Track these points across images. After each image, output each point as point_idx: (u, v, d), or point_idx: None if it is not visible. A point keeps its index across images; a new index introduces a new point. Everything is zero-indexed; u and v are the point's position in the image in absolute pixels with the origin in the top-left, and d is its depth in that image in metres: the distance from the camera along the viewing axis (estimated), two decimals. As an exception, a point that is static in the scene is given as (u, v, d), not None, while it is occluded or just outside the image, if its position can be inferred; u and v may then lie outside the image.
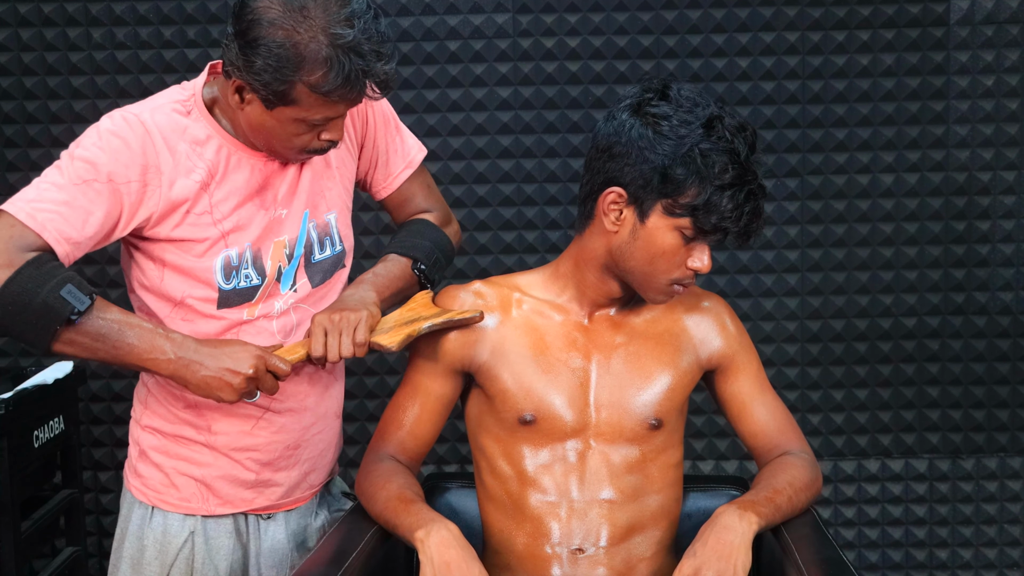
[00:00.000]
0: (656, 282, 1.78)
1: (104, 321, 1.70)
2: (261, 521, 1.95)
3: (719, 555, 1.68)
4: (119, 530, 1.96)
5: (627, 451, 1.84)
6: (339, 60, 1.65)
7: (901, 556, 3.00)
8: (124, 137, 1.74)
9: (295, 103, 1.69)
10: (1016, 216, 2.90)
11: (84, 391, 2.95)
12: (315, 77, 1.66)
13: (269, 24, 1.64)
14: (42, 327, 1.67)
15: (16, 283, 1.65)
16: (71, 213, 1.71)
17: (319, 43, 1.64)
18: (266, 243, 1.83)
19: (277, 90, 1.68)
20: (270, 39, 1.65)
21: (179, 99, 1.81)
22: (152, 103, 1.81)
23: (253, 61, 1.66)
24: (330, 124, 1.76)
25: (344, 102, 1.71)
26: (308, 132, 1.75)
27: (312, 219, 1.88)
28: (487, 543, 1.90)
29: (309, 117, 1.71)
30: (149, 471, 1.91)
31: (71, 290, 1.67)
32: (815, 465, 1.89)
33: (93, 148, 1.73)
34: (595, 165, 1.78)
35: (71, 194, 1.71)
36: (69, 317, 1.67)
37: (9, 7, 2.86)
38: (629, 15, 2.85)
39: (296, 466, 1.95)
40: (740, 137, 1.71)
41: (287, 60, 1.65)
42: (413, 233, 2.00)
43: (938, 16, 2.84)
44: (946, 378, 2.95)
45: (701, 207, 1.70)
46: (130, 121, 1.75)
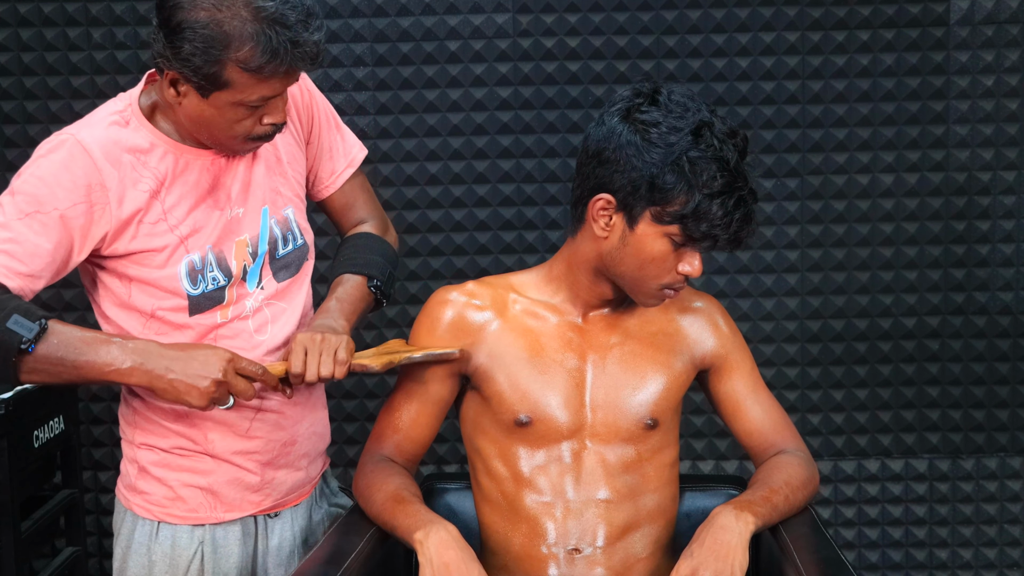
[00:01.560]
0: (646, 287, 1.78)
1: (59, 343, 1.67)
2: (268, 520, 1.95)
3: (716, 555, 1.68)
4: (119, 550, 1.93)
5: (623, 451, 1.84)
6: (264, 33, 1.63)
7: (901, 556, 3.00)
8: (62, 161, 1.72)
9: (229, 85, 1.67)
10: (1016, 216, 2.90)
11: (84, 391, 2.95)
12: (243, 53, 1.64)
13: (190, 7, 1.63)
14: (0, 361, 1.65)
15: None
16: (18, 248, 1.68)
17: (242, 19, 1.63)
18: (227, 244, 1.82)
19: (208, 73, 1.66)
20: (193, 21, 1.63)
21: (116, 110, 1.79)
22: (88, 120, 1.79)
23: (180, 47, 1.64)
24: (270, 106, 1.73)
25: (277, 77, 1.68)
26: (248, 116, 1.72)
27: (272, 215, 1.87)
28: (484, 544, 1.90)
29: (246, 99, 1.69)
30: (152, 486, 1.89)
31: (17, 320, 1.64)
32: (811, 463, 1.89)
33: (32, 179, 1.71)
34: (585, 170, 1.78)
35: (16, 231, 1.69)
36: (19, 347, 1.64)
37: (9, 7, 2.86)
38: (629, 15, 2.85)
39: (296, 461, 1.95)
40: (729, 144, 1.70)
41: (213, 40, 1.63)
42: (362, 249, 1.98)
43: (938, 16, 2.84)
44: (946, 378, 2.95)
45: (690, 215, 1.69)
46: (66, 143, 1.73)
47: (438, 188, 2.91)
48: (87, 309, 2.95)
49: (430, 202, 2.92)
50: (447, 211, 2.92)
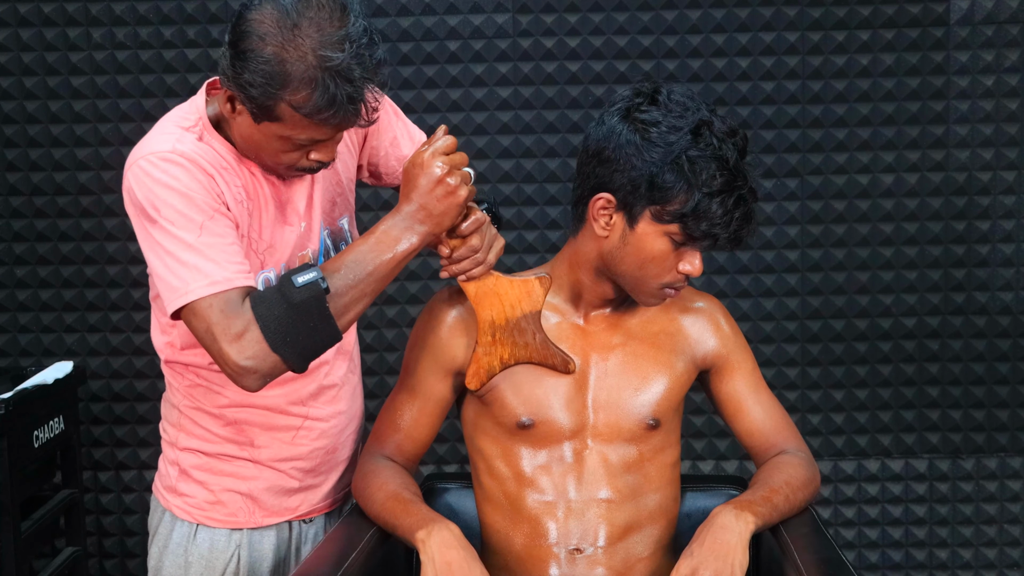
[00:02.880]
0: (647, 286, 1.78)
1: (339, 267, 1.67)
2: (303, 525, 1.96)
3: (716, 555, 1.68)
4: (155, 549, 1.94)
5: (625, 451, 1.84)
6: (325, 83, 1.59)
7: (901, 556, 3.00)
8: (184, 172, 1.67)
9: (280, 120, 1.64)
10: (1016, 216, 2.90)
11: (84, 391, 2.95)
12: (299, 97, 1.60)
13: (260, 38, 1.60)
14: (319, 318, 1.65)
15: (269, 321, 1.63)
16: (222, 255, 1.66)
17: (307, 63, 1.59)
18: (293, 260, 1.81)
19: (263, 104, 1.63)
20: (259, 53, 1.59)
21: (187, 126, 1.75)
22: (166, 137, 1.72)
23: (241, 72, 1.61)
24: (319, 145, 1.70)
25: (330, 126, 1.65)
26: (296, 150, 1.69)
27: (327, 227, 1.86)
28: (485, 544, 1.90)
29: (294, 136, 1.66)
30: (193, 489, 1.90)
31: (296, 276, 1.63)
32: (812, 464, 1.89)
33: (173, 197, 1.66)
34: (585, 170, 1.78)
35: (205, 242, 1.65)
36: (323, 290, 1.64)
37: (9, 7, 2.86)
38: (629, 15, 2.85)
39: (335, 468, 1.97)
40: (729, 143, 1.70)
41: (273, 77, 1.59)
42: None
43: (938, 16, 2.84)
44: (946, 378, 2.95)
45: (689, 214, 1.69)
46: (170, 159, 1.68)
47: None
48: (87, 309, 2.95)
49: (430, 202, 2.92)
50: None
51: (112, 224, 2.92)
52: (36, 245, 2.94)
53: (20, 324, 2.97)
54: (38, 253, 2.95)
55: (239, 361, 1.63)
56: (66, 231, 2.94)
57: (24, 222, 2.94)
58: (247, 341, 1.63)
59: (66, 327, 2.97)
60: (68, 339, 2.97)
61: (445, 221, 1.70)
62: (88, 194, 2.92)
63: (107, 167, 2.92)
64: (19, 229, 2.94)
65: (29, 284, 2.96)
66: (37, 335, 2.98)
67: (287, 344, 1.64)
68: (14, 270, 2.95)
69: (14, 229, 2.94)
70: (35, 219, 2.94)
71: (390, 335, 2.96)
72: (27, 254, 2.95)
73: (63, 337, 2.97)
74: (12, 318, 2.97)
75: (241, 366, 1.64)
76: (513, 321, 1.80)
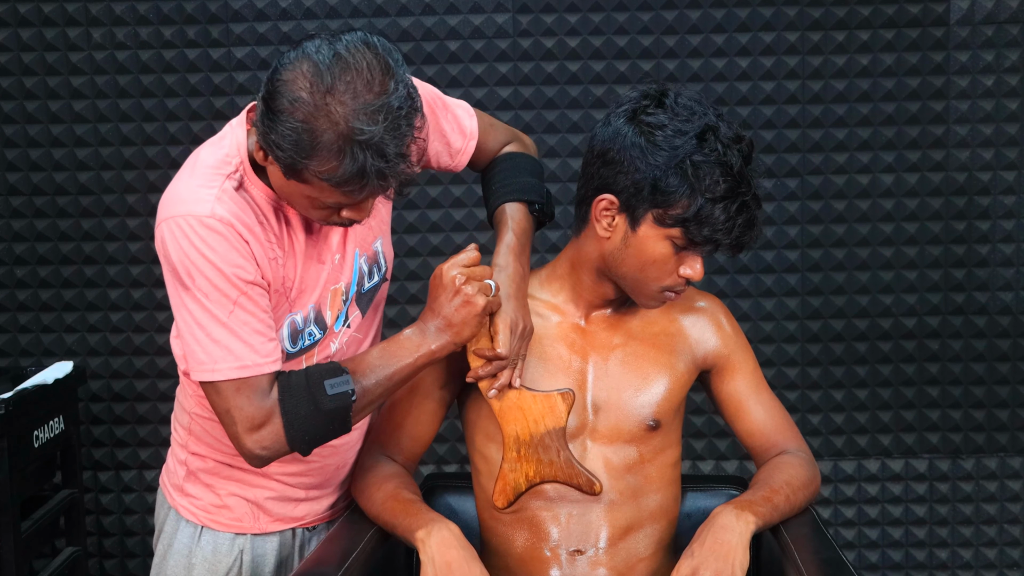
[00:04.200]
0: (647, 289, 1.78)
1: (363, 372, 1.70)
2: (307, 532, 1.96)
3: (717, 555, 1.68)
4: (161, 546, 1.94)
5: (625, 452, 1.84)
6: (355, 155, 1.51)
7: (901, 556, 3.00)
8: (223, 240, 1.63)
9: (307, 183, 1.57)
10: (1016, 216, 2.90)
11: (84, 391, 2.95)
12: (326, 168, 1.52)
13: (291, 102, 1.51)
14: (339, 422, 1.68)
15: (294, 420, 1.65)
16: (254, 336, 1.65)
17: (338, 133, 1.50)
18: (324, 295, 1.78)
19: (289, 166, 1.55)
20: (289, 117, 1.51)
21: (228, 172, 1.67)
22: (207, 193, 1.65)
23: (270, 133, 1.54)
24: (350, 206, 1.62)
25: (357, 195, 1.57)
26: (326, 209, 1.62)
27: (363, 254, 1.83)
28: (486, 545, 1.90)
29: (321, 199, 1.59)
30: (199, 491, 1.89)
31: (331, 383, 1.65)
32: (813, 464, 1.89)
33: (210, 270, 1.62)
34: (590, 170, 1.78)
35: (237, 320, 1.64)
36: (352, 402, 1.67)
37: (9, 7, 2.86)
38: (629, 15, 2.85)
39: (342, 480, 1.96)
40: (734, 149, 1.70)
41: (301, 144, 1.51)
42: (512, 171, 1.88)
43: (938, 16, 2.84)
44: (946, 378, 2.95)
45: (692, 219, 1.69)
46: (209, 225, 1.62)
47: (438, 188, 2.91)
48: (87, 309, 2.95)
49: (430, 202, 2.92)
50: (447, 211, 2.92)
51: (112, 224, 2.92)
52: (36, 245, 2.94)
53: (20, 324, 2.97)
54: (38, 253, 2.95)
55: (253, 449, 1.67)
56: (66, 231, 2.93)
57: (24, 222, 2.94)
58: (266, 432, 1.65)
59: (66, 327, 2.97)
60: (68, 339, 2.97)
61: (465, 331, 1.71)
62: (88, 194, 2.92)
63: (107, 167, 2.92)
64: (19, 229, 2.94)
65: (29, 284, 2.96)
66: (37, 335, 2.97)
67: (304, 441, 1.68)
68: (14, 270, 2.95)
69: (14, 229, 2.94)
70: (35, 219, 2.93)
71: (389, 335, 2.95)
72: (27, 254, 2.95)
73: (63, 337, 2.97)
74: (12, 318, 2.97)
75: (255, 454, 1.67)
76: (537, 437, 1.80)
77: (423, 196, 2.91)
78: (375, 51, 1.54)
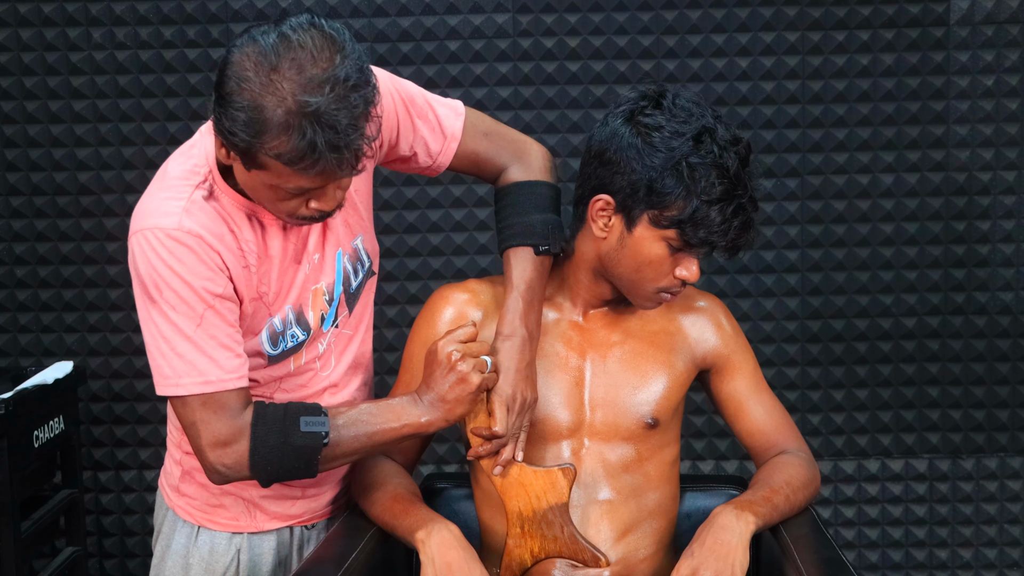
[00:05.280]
0: (643, 289, 1.78)
1: (345, 423, 1.69)
2: (305, 531, 1.95)
3: (717, 555, 1.68)
4: (159, 547, 1.93)
5: (623, 450, 1.84)
6: (302, 129, 1.49)
7: (901, 556, 3.00)
8: (191, 254, 1.63)
9: (265, 168, 1.55)
10: (1016, 216, 2.90)
11: (84, 391, 2.95)
12: (275, 145, 1.50)
13: (239, 83, 1.50)
14: (305, 462, 1.67)
15: (261, 447, 1.65)
16: (219, 351, 1.65)
17: (286, 109, 1.49)
18: (305, 297, 1.77)
19: (245, 152, 1.54)
20: (238, 98, 1.50)
21: (197, 183, 1.67)
22: (175, 205, 1.65)
23: (222, 119, 1.53)
24: (316, 194, 1.60)
25: (312, 175, 1.54)
26: (293, 199, 1.60)
27: (345, 253, 1.81)
28: (485, 545, 1.90)
29: (283, 185, 1.56)
30: (195, 491, 1.89)
31: (307, 421, 1.65)
32: (813, 464, 1.89)
33: (176, 283, 1.62)
34: (587, 170, 1.78)
35: (203, 335, 1.64)
36: (323, 444, 1.67)
37: (9, 7, 2.86)
38: (629, 15, 2.85)
39: (340, 479, 1.95)
40: (731, 151, 1.70)
41: (251, 124, 1.50)
42: (514, 210, 1.83)
43: (938, 16, 2.84)
44: (946, 378, 2.95)
45: (687, 220, 1.69)
46: (176, 238, 1.62)
47: (438, 188, 2.91)
48: (87, 309, 2.95)
49: (430, 202, 2.92)
50: (447, 211, 2.92)
51: (112, 224, 2.92)
52: (36, 245, 2.94)
53: (20, 324, 2.97)
54: (38, 253, 2.95)
55: (215, 464, 1.67)
56: (66, 231, 2.93)
57: (24, 222, 2.94)
58: (231, 451, 1.66)
59: (66, 327, 2.97)
60: (68, 339, 2.97)
61: (458, 409, 1.70)
62: (88, 194, 2.92)
63: (107, 167, 2.92)
64: (19, 229, 2.94)
65: (29, 284, 2.96)
66: (37, 335, 2.98)
67: (265, 472, 1.68)
68: (14, 270, 2.95)
69: (14, 229, 2.94)
70: (35, 219, 2.94)
71: (390, 335, 2.96)
72: (27, 254, 2.95)
73: (63, 337, 2.97)
74: (12, 318, 2.97)
75: (215, 469, 1.68)
76: (540, 513, 1.79)
77: (423, 196, 2.91)
78: (321, 29, 1.53)
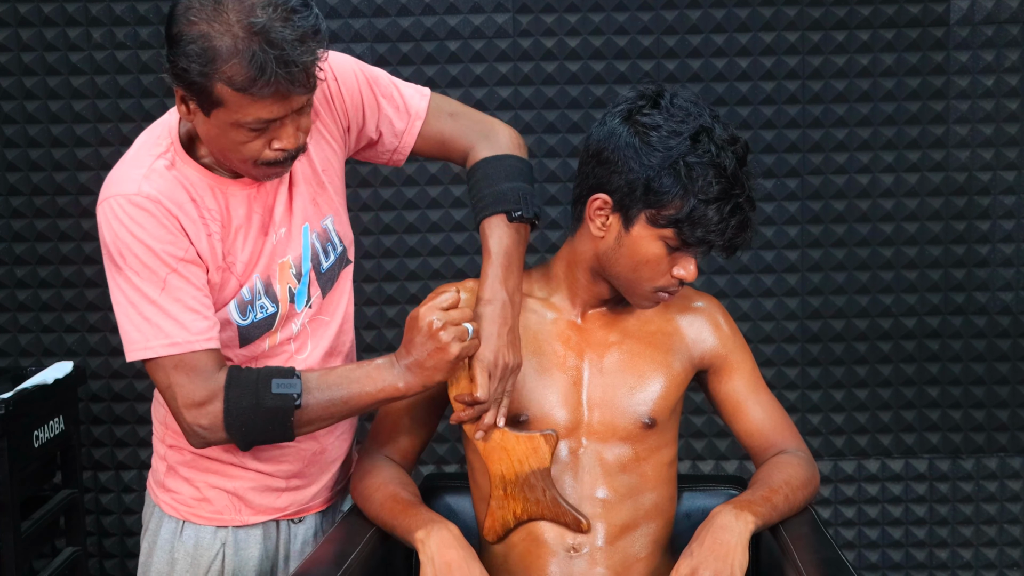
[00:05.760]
0: (640, 289, 1.79)
1: (318, 386, 1.70)
2: (292, 525, 1.95)
3: (716, 555, 1.68)
4: (146, 544, 1.94)
5: (620, 450, 1.84)
6: (252, 50, 1.54)
7: (901, 556, 3.00)
8: (151, 218, 1.66)
9: (222, 104, 1.59)
10: (1016, 216, 2.90)
11: (84, 391, 2.95)
12: (229, 69, 1.55)
13: (186, 20, 1.56)
14: (279, 425, 1.69)
15: (234, 409, 1.67)
16: (186, 314, 1.67)
17: (233, 34, 1.54)
18: (272, 268, 1.79)
19: (201, 89, 1.58)
20: (187, 34, 1.56)
21: (159, 152, 1.72)
22: (135, 165, 1.70)
23: (176, 61, 1.57)
24: (276, 131, 1.64)
25: (269, 98, 1.58)
26: (254, 139, 1.63)
27: (313, 230, 1.83)
28: (484, 545, 1.90)
29: (241, 119, 1.60)
30: (180, 485, 1.89)
31: (278, 383, 1.67)
32: (812, 463, 1.89)
33: (138, 247, 1.65)
34: (585, 169, 1.79)
35: (169, 297, 1.66)
36: (295, 407, 1.68)
37: (9, 7, 2.86)
38: (629, 15, 2.85)
39: (325, 470, 1.95)
40: (729, 150, 1.70)
41: (203, 55, 1.55)
42: (485, 182, 1.85)
43: (938, 16, 2.84)
44: (946, 378, 2.95)
45: (684, 219, 1.70)
46: (136, 203, 1.66)
47: (438, 188, 2.92)
48: (87, 309, 2.95)
49: (430, 202, 2.92)
50: (447, 211, 2.92)
51: (112, 224, 2.92)
52: (36, 245, 2.95)
53: (20, 324, 2.98)
54: (38, 253, 2.95)
55: (192, 425, 1.69)
56: (66, 231, 2.93)
57: (24, 222, 2.94)
58: (206, 412, 1.68)
59: (66, 327, 2.97)
60: (68, 339, 2.97)
61: (436, 376, 1.70)
62: (88, 194, 2.92)
63: (107, 167, 2.89)
64: (19, 229, 2.94)
65: (29, 284, 2.96)
66: (37, 335, 2.98)
67: (241, 433, 1.69)
68: (14, 270, 2.95)
69: (14, 229, 2.94)
70: (35, 219, 2.94)
71: (390, 335, 2.96)
72: (27, 254, 2.95)
73: (63, 337, 2.97)
74: (12, 318, 2.97)
75: (193, 430, 1.70)
76: (522, 476, 1.80)
77: (423, 196, 2.91)
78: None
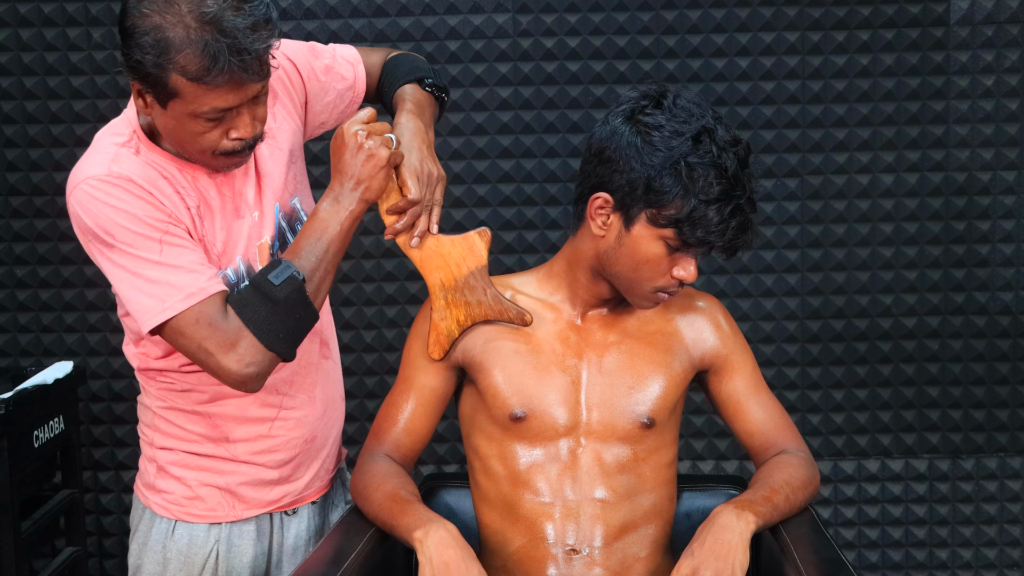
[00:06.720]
0: (640, 288, 1.79)
1: (302, 252, 1.71)
2: (285, 518, 1.95)
3: (717, 555, 1.68)
4: (135, 546, 1.93)
5: (619, 450, 1.84)
6: (204, 40, 1.56)
7: (901, 556, 3.00)
8: (128, 193, 1.67)
9: (177, 95, 1.61)
10: (1016, 216, 2.90)
11: (84, 391, 2.95)
12: (181, 59, 1.57)
13: (138, 13, 1.58)
14: (301, 306, 1.70)
15: (260, 323, 1.67)
16: (193, 266, 1.67)
17: (185, 25, 1.56)
18: (252, 250, 1.81)
19: (156, 81, 1.60)
20: (140, 26, 1.58)
21: (122, 142, 1.73)
22: (101, 158, 1.70)
23: (131, 54, 1.60)
24: (233, 120, 1.66)
25: (223, 87, 1.60)
26: (212, 129, 1.65)
27: (281, 210, 1.85)
28: (483, 544, 1.90)
29: (197, 110, 1.62)
30: (171, 485, 1.89)
31: (274, 273, 1.68)
32: (812, 463, 1.89)
33: (126, 220, 1.66)
34: (587, 168, 1.79)
35: (169, 256, 1.67)
36: (302, 282, 1.68)
37: (9, 7, 2.86)
38: (629, 15, 2.85)
39: (315, 457, 1.95)
40: (730, 151, 1.71)
41: (156, 46, 1.57)
42: (395, 66, 1.96)
43: (938, 16, 2.84)
44: (946, 378, 2.95)
45: (685, 220, 1.70)
46: (109, 181, 1.67)
47: (366, 42, 2.90)
48: (87, 309, 2.95)
49: (430, 202, 2.92)
50: (447, 211, 2.92)
51: (112, 224, 2.92)
52: (36, 245, 2.95)
53: (20, 324, 2.98)
54: (38, 253, 2.95)
55: (241, 370, 1.68)
56: (66, 231, 2.93)
57: (24, 222, 2.94)
58: (243, 348, 1.67)
59: (66, 327, 2.97)
60: (68, 339, 2.97)
61: (373, 184, 1.73)
62: (88, 194, 2.92)
63: (107, 167, 2.92)
64: (19, 229, 2.94)
65: (29, 284, 2.96)
66: (37, 335, 2.98)
67: (280, 340, 1.69)
68: (14, 270, 2.95)
69: (14, 229, 2.94)
70: (35, 219, 2.94)
71: (390, 335, 2.96)
72: (27, 254, 2.95)
73: (63, 337, 2.97)
74: (12, 318, 2.97)
75: (244, 374, 1.68)
76: (462, 280, 1.83)
77: (423, 196, 2.91)
78: None
